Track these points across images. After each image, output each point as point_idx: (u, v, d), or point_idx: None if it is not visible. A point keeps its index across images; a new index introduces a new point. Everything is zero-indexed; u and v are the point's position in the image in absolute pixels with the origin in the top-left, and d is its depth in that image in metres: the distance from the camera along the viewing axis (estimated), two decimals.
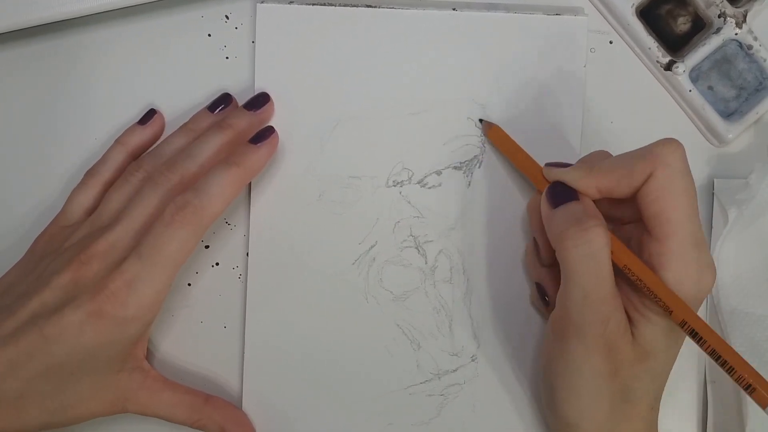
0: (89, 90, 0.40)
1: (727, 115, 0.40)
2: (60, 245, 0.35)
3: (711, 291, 0.31)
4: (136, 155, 0.38)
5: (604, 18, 0.40)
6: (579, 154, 0.39)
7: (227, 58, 0.40)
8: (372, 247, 0.39)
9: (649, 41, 0.39)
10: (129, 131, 0.39)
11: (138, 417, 0.36)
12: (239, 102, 0.39)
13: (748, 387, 0.30)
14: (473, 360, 0.39)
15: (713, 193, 0.40)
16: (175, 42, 0.40)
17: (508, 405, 0.39)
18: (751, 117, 0.39)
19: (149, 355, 0.39)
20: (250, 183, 0.39)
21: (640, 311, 0.32)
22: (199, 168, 0.35)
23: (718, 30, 0.39)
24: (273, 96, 0.39)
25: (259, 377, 0.39)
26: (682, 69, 0.39)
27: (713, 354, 0.31)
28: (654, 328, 0.32)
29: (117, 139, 0.39)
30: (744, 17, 0.39)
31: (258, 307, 0.39)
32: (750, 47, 0.39)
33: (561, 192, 0.33)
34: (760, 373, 0.30)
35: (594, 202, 0.33)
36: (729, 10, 0.39)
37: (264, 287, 0.39)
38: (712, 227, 0.40)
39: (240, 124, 0.37)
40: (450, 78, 0.39)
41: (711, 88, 0.40)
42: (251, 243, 0.39)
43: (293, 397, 0.39)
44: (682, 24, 0.40)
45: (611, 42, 0.40)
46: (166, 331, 0.39)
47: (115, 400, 0.35)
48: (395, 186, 0.39)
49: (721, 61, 0.40)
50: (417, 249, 0.39)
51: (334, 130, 0.39)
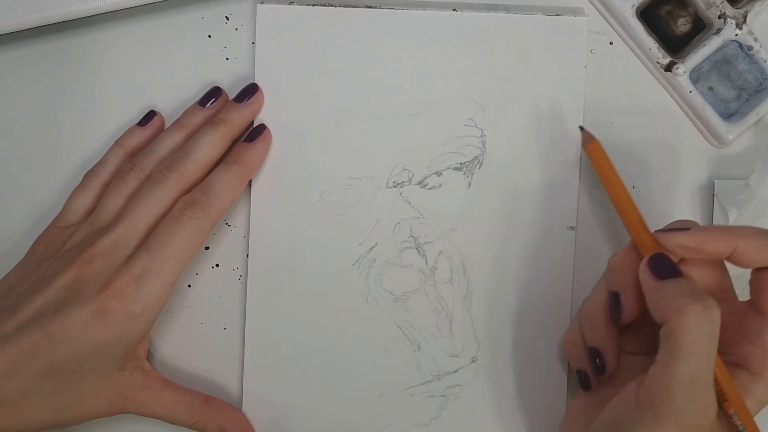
0: (89, 91, 0.40)
1: (728, 116, 0.40)
2: (61, 246, 0.35)
3: None
4: (134, 156, 0.39)
5: (604, 19, 0.40)
6: (579, 154, 0.39)
7: (227, 59, 0.40)
8: (372, 248, 0.39)
9: (650, 42, 0.39)
10: (128, 133, 0.39)
11: (138, 417, 0.36)
12: (231, 95, 0.39)
13: None
14: (473, 361, 0.39)
15: (713, 194, 0.40)
16: (176, 43, 0.40)
17: (508, 406, 0.39)
18: (752, 118, 0.39)
19: (149, 356, 0.39)
20: (250, 184, 0.39)
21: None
22: (197, 165, 0.36)
23: (718, 31, 0.39)
24: (273, 96, 0.39)
25: (259, 378, 0.39)
26: (682, 70, 0.39)
27: None
28: None
29: (116, 141, 0.39)
30: (744, 18, 0.39)
31: (258, 309, 0.39)
32: (750, 48, 0.39)
33: (667, 265, 0.32)
34: None
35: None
36: (729, 11, 0.39)
37: (264, 288, 0.39)
38: None
39: (232, 117, 0.37)
40: (450, 78, 0.39)
41: (711, 89, 0.40)
42: (251, 244, 0.39)
43: (293, 398, 0.39)
44: (682, 25, 0.40)
45: (611, 43, 0.40)
46: (166, 332, 0.39)
47: (116, 399, 0.35)
48: (395, 187, 0.39)
49: (722, 62, 0.40)
50: (417, 250, 0.39)
51: (334, 130, 0.39)
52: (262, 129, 0.38)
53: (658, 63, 0.40)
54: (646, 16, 0.40)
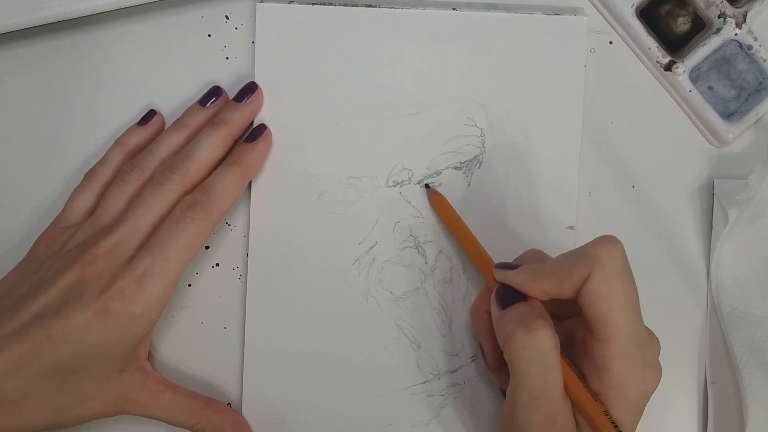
0: (89, 90, 0.40)
1: (727, 116, 0.40)
2: (62, 246, 0.35)
3: (654, 391, 0.31)
4: (135, 156, 0.39)
5: (604, 18, 0.40)
6: (579, 154, 0.39)
7: (227, 58, 0.40)
8: (372, 248, 0.39)
9: (649, 41, 0.39)
10: (128, 132, 0.39)
11: (137, 418, 0.36)
12: (230, 94, 0.39)
13: None
14: (473, 360, 0.39)
15: (713, 194, 0.40)
16: (175, 42, 0.40)
17: None
18: (751, 117, 0.39)
19: (150, 356, 0.39)
20: (250, 184, 0.39)
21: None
22: (198, 166, 0.36)
23: (718, 30, 0.39)
24: (273, 95, 0.39)
25: (259, 377, 0.39)
26: (682, 69, 0.39)
27: None
28: None
29: (117, 140, 0.39)
30: (744, 17, 0.39)
31: (258, 308, 0.39)
32: (750, 47, 0.39)
33: (509, 293, 0.33)
34: None
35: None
36: (729, 10, 0.39)
37: (264, 288, 0.39)
38: (712, 228, 0.40)
39: (232, 118, 0.37)
40: (450, 78, 0.39)
41: (711, 88, 0.40)
42: (251, 244, 0.39)
43: (293, 397, 0.39)
44: (682, 24, 0.40)
45: (611, 42, 0.40)
46: (166, 332, 0.39)
47: (116, 400, 0.35)
48: (395, 186, 0.39)
49: (721, 62, 0.40)
50: (417, 249, 0.39)
51: (333, 129, 0.39)
52: (262, 129, 0.38)
53: (657, 62, 0.40)
54: (645, 15, 0.40)
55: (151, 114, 0.39)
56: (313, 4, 0.39)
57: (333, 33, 0.39)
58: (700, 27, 0.40)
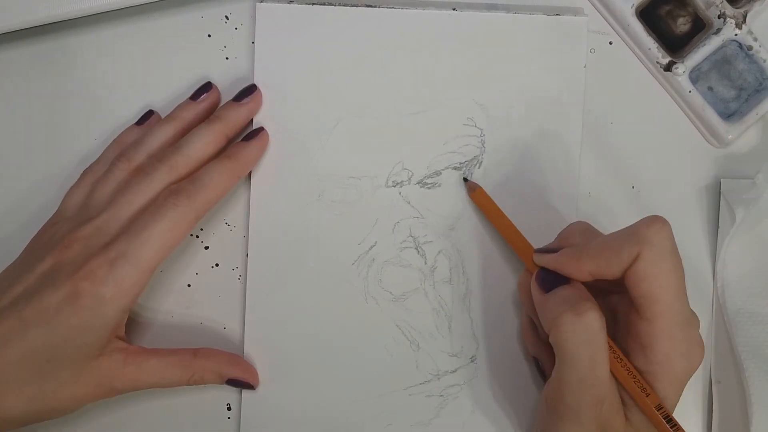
0: (89, 90, 0.40)
1: (727, 116, 0.40)
2: (49, 239, 0.35)
3: (698, 367, 0.32)
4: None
5: (604, 18, 0.40)
6: (579, 154, 0.39)
7: (227, 58, 0.40)
8: (371, 248, 0.39)
9: (649, 42, 0.39)
10: (126, 132, 0.39)
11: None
12: (230, 94, 0.39)
13: None
14: (472, 361, 0.39)
15: (720, 193, 0.40)
16: (175, 42, 0.40)
17: (507, 406, 0.39)
18: (751, 118, 0.39)
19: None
20: (250, 183, 0.39)
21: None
22: (187, 159, 0.36)
23: (717, 31, 0.39)
24: (272, 95, 0.39)
25: (259, 377, 0.39)
26: (681, 70, 0.39)
27: None
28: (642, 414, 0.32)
29: (114, 140, 0.39)
30: (744, 18, 0.39)
31: (257, 308, 0.39)
32: (750, 48, 0.39)
33: (551, 276, 0.33)
34: None
35: None
36: (729, 10, 0.39)
37: (263, 288, 0.39)
38: (719, 227, 0.40)
39: (228, 115, 0.37)
40: (450, 78, 0.39)
41: (711, 88, 0.40)
42: (251, 244, 0.39)
43: (292, 398, 0.39)
44: (681, 25, 0.40)
45: (611, 42, 0.40)
46: (165, 332, 0.39)
47: (100, 383, 0.34)
48: (395, 186, 0.39)
49: (721, 62, 0.40)
50: (416, 249, 0.39)
51: (334, 129, 0.39)
52: (259, 130, 0.38)
53: (657, 63, 0.40)
54: (645, 15, 0.40)
55: (149, 114, 0.39)
56: (313, 4, 0.39)
57: (333, 33, 0.39)
58: (700, 27, 0.40)
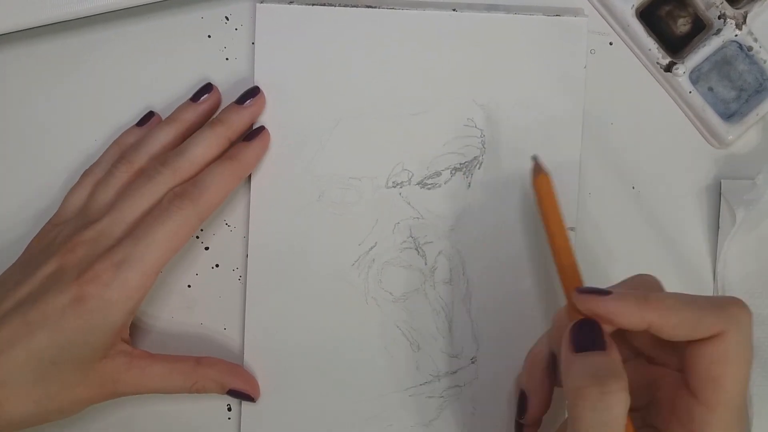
0: (89, 91, 0.40)
1: (728, 117, 0.40)
2: (52, 241, 0.35)
3: None
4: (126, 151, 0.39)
5: (604, 19, 0.40)
6: (579, 155, 0.39)
7: (227, 59, 0.40)
8: (372, 248, 0.39)
9: (649, 42, 0.39)
10: (126, 133, 0.39)
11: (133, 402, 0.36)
12: (230, 95, 0.39)
13: None
14: (473, 362, 0.39)
15: (720, 194, 0.40)
16: (175, 43, 0.40)
17: (507, 407, 0.39)
18: (752, 118, 0.39)
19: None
20: (250, 184, 0.39)
21: None
22: (191, 163, 0.36)
23: (718, 31, 0.39)
24: (273, 96, 0.39)
25: (259, 378, 0.39)
26: (682, 70, 0.39)
27: None
28: None
29: (114, 141, 0.39)
30: (744, 18, 0.39)
31: (258, 309, 0.39)
32: (750, 48, 0.39)
33: (587, 336, 0.29)
34: None
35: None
36: (729, 11, 0.39)
37: (264, 289, 0.39)
38: (719, 228, 0.40)
39: (230, 118, 0.37)
40: (450, 78, 0.39)
41: (711, 89, 0.40)
42: (251, 244, 0.39)
43: (293, 398, 0.39)
44: (682, 25, 0.40)
45: (611, 43, 0.40)
46: (166, 333, 0.39)
47: (104, 385, 0.34)
48: (395, 187, 0.39)
49: (721, 63, 0.40)
50: (417, 250, 0.39)
51: (334, 130, 0.39)
52: (260, 130, 0.38)
53: (657, 63, 0.40)
54: (645, 16, 0.40)
55: (150, 115, 0.39)
56: (313, 4, 0.39)
57: (333, 33, 0.39)
58: (700, 28, 0.40)
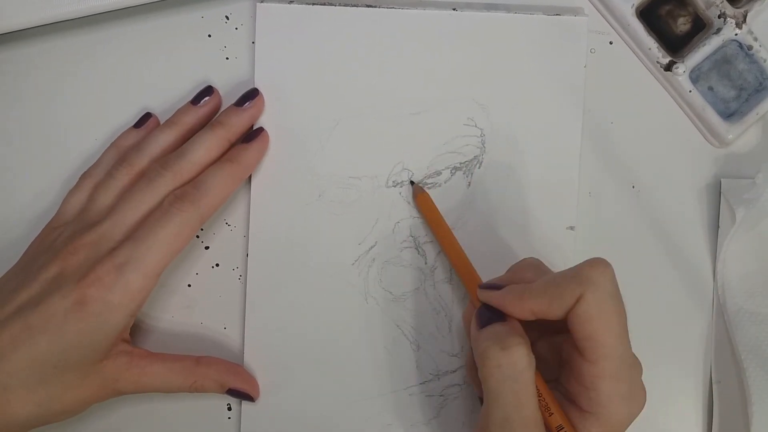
0: (89, 90, 0.40)
1: (728, 116, 0.40)
2: (51, 244, 0.35)
3: (639, 413, 0.31)
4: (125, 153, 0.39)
5: (604, 18, 0.40)
6: (579, 154, 0.39)
7: (227, 58, 0.40)
8: (372, 248, 0.39)
9: (649, 42, 0.39)
10: (124, 134, 0.39)
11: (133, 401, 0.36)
12: (230, 94, 0.39)
13: None
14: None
15: (720, 193, 0.40)
16: (175, 42, 0.40)
17: None
18: (752, 117, 0.39)
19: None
20: (250, 184, 0.39)
21: None
22: (191, 165, 0.36)
23: (718, 30, 0.39)
24: (273, 95, 0.39)
25: (259, 378, 0.39)
26: (682, 69, 0.39)
27: None
28: None
29: (112, 143, 0.39)
30: (744, 18, 0.39)
31: (258, 308, 0.39)
32: (750, 48, 0.39)
33: (489, 313, 0.33)
34: None
35: None
36: (729, 10, 0.39)
37: (264, 288, 0.39)
38: (719, 226, 0.40)
39: (230, 121, 0.37)
40: (450, 78, 0.39)
41: (711, 88, 0.40)
42: (251, 244, 0.39)
43: (292, 397, 0.39)
44: (682, 24, 0.40)
45: (611, 42, 0.40)
46: (166, 333, 0.39)
47: (104, 384, 0.34)
48: (395, 186, 0.39)
49: (722, 62, 0.40)
50: (417, 249, 0.39)
51: (334, 129, 0.39)
52: (259, 131, 0.38)
53: (657, 63, 0.40)
54: (646, 15, 0.40)
55: (147, 116, 0.39)
56: (313, 4, 0.39)
57: (333, 33, 0.39)
58: (700, 27, 0.40)
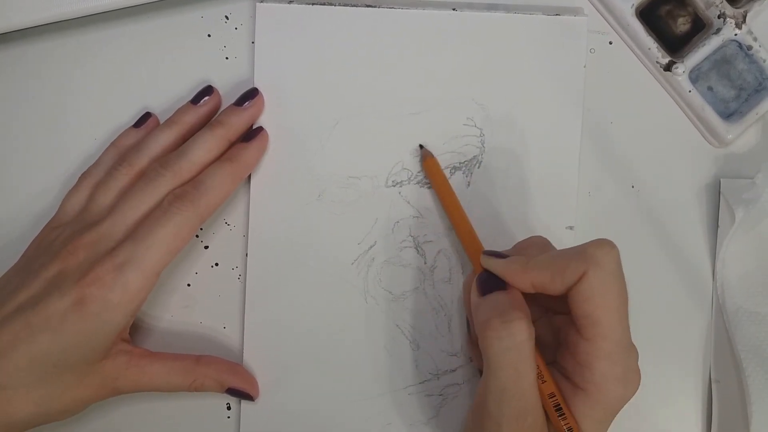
0: (89, 90, 0.40)
1: (727, 116, 0.40)
2: (51, 243, 0.35)
3: (632, 397, 0.31)
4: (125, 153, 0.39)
5: (603, 18, 0.40)
6: (578, 154, 0.39)
7: (227, 58, 0.40)
8: (371, 247, 0.39)
9: (649, 42, 0.39)
10: (124, 134, 0.39)
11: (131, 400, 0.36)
12: (230, 94, 0.39)
13: None
14: (472, 360, 0.39)
15: (720, 193, 0.40)
16: (175, 42, 0.40)
17: None
18: (751, 117, 0.39)
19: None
20: (249, 183, 0.39)
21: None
22: (191, 165, 0.36)
23: (717, 30, 0.39)
24: (272, 95, 0.39)
25: (258, 377, 0.39)
26: (681, 69, 0.39)
27: None
28: None
29: (112, 142, 0.39)
30: (744, 18, 0.39)
31: (257, 308, 0.39)
32: (750, 48, 0.39)
33: (491, 280, 0.33)
34: None
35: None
36: (729, 10, 0.39)
37: (263, 287, 0.39)
38: (718, 226, 0.40)
39: (230, 120, 0.37)
40: (450, 78, 0.39)
41: (711, 88, 0.40)
42: (250, 243, 0.39)
43: (292, 397, 0.39)
44: (681, 24, 0.40)
45: (611, 42, 0.40)
46: (165, 332, 0.39)
47: (104, 384, 0.35)
48: (395, 186, 0.39)
49: (721, 62, 0.40)
50: (416, 249, 0.39)
51: (333, 129, 0.39)
52: (258, 130, 0.38)
53: (657, 63, 0.40)
54: (645, 15, 0.40)
55: (146, 116, 0.39)
56: (313, 4, 0.39)
57: (333, 33, 0.39)
58: (699, 27, 0.40)
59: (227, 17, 0.40)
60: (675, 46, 0.40)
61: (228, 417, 0.39)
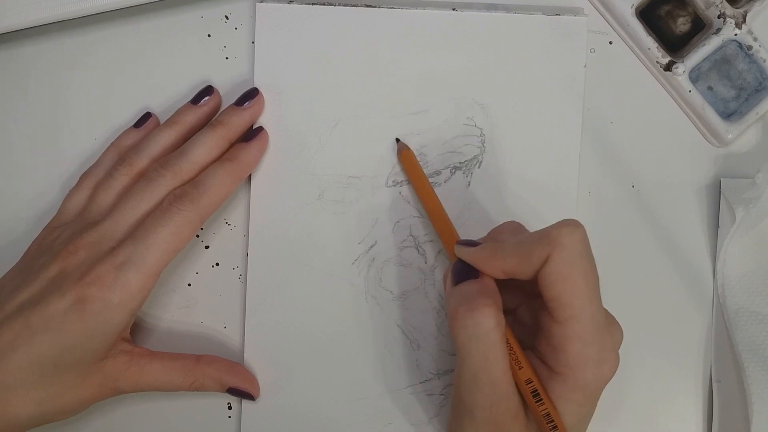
0: (89, 90, 0.40)
1: (727, 116, 0.40)
2: (52, 244, 0.35)
3: (610, 379, 0.31)
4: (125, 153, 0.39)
5: (603, 18, 0.40)
6: (579, 154, 0.39)
7: (227, 58, 0.40)
8: (372, 247, 0.39)
9: (649, 42, 0.39)
10: (124, 134, 0.39)
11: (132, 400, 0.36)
12: (230, 94, 0.39)
13: None
14: None
15: (720, 192, 0.40)
16: (175, 42, 0.40)
17: None
18: (751, 117, 0.39)
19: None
20: (250, 183, 0.39)
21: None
22: (191, 165, 0.36)
23: (717, 30, 0.39)
24: (272, 95, 0.39)
25: (259, 377, 0.39)
26: (681, 69, 0.39)
27: None
28: None
29: (112, 143, 0.39)
30: (744, 18, 0.39)
31: (258, 308, 0.39)
32: (750, 48, 0.39)
33: (463, 270, 0.33)
34: None
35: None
36: (729, 10, 0.39)
37: (264, 287, 0.39)
38: (719, 226, 0.40)
39: (230, 120, 0.37)
40: (450, 78, 0.39)
41: (711, 88, 0.40)
42: (251, 243, 0.39)
43: (292, 397, 0.39)
44: (681, 24, 0.40)
45: (611, 42, 0.40)
46: (166, 332, 0.39)
47: (104, 384, 0.35)
48: (395, 186, 0.39)
49: (721, 62, 0.40)
50: (417, 249, 0.39)
51: (333, 129, 0.39)
52: (259, 130, 0.38)
53: (657, 62, 0.40)
54: (645, 15, 0.40)
55: (147, 116, 0.39)
56: (313, 4, 0.39)
57: (333, 33, 0.39)
58: (699, 27, 0.40)
59: (227, 17, 0.40)
60: (675, 46, 0.40)
61: (229, 417, 0.39)
